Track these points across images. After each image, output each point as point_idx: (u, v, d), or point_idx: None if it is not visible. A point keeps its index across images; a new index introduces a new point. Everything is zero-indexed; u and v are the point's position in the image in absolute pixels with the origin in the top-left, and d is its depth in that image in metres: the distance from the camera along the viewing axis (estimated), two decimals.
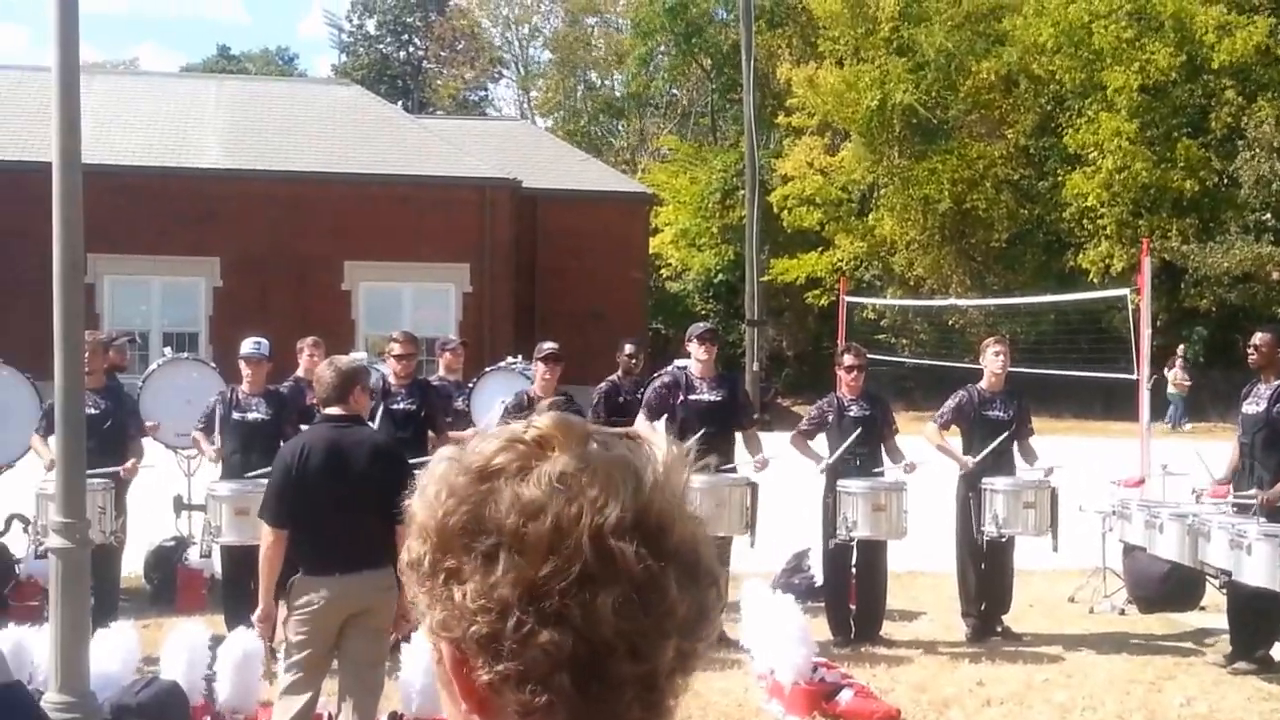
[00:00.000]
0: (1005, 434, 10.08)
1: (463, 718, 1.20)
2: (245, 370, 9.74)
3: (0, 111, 29.19)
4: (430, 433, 10.02)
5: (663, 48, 48.01)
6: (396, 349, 10.12)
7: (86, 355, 7.29)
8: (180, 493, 11.34)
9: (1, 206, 26.38)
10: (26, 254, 25.38)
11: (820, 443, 10.23)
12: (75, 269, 5.86)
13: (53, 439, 10.09)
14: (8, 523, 10.95)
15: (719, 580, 1.23)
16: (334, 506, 6.14)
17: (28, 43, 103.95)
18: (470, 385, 12.06)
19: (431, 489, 1.22)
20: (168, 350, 14.28)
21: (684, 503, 1.22)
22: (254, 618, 6.67)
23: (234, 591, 9.27)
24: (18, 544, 10.80)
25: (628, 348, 11.65)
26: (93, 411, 8.68)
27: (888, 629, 10.15)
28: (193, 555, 10.85)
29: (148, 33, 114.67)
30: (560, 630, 1.13)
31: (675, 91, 51.53)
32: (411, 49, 65.15)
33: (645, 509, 1.17)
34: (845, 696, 8.07)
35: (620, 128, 57.56)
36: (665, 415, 10.19)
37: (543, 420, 1.23)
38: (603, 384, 11.44)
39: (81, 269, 5.91)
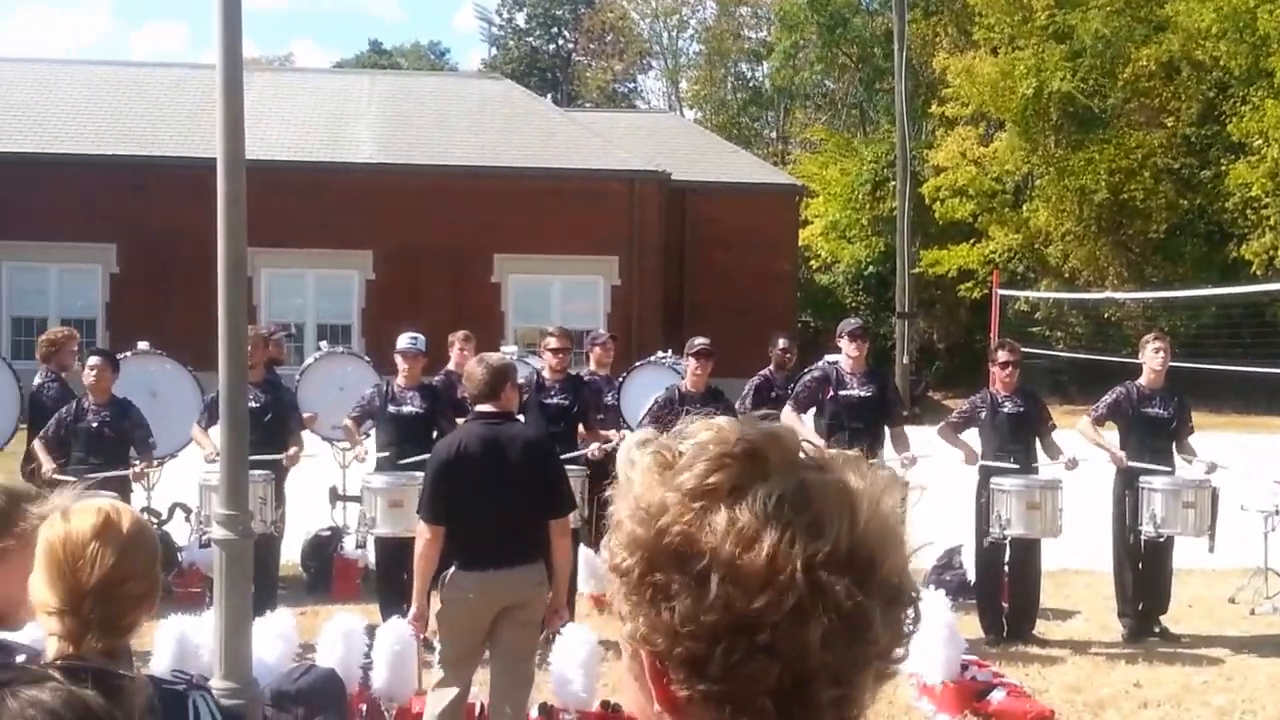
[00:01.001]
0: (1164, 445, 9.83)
1: (652, 715, 1.21)
2: (401, 364, 9.90)
3: (161, 109, 30.10)
4: (581, 427, 10.10)
5: (807, 40, 47.68)
6: (552, 343, 10.20)
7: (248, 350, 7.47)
8: (335, 484, 11.59)
9: (162, 202, 27.24)
10: (186, 248, 26.26)
11: (970, 437, 10.08)
12: (238, 268, 6.00)
13: (214, 431, 10.44)
14: (171, 511, 11.31)
15: (917, 601, 1.22)
16: (488, 502, 6.21)
17: (188, 41, 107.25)
18: (620, 380, 12.11)
19: (641, 501, 1.20)
20: (323, 344, 14.62)
21: (894, 530, 1.20)
22: (409, 617, 6.79)
23: (388, 582, 9.45)
24: (180, 532, 11.16)
25: (781, 342, 11.60)
26: (253, 405, 8.88)
27: (1041, 628, 9.96)
28: (348, 545, 11.09)
29: (302, 29, 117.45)
30: (768, 660, 1.13)
31: (827, 83, 51.13)
32: (560, 42, 65.68)
33: (858, 543, 1.16)
34: (997, 696, 7.94)
35: (769, 118, 57.34)
36: (813, 409, 10.15)
37: (753, 433, 1.21)
38: (755, 378, 11.42)
39: (244, 268, 6.05)
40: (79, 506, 2.54)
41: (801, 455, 1.21)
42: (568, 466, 7.50)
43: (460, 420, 9.41)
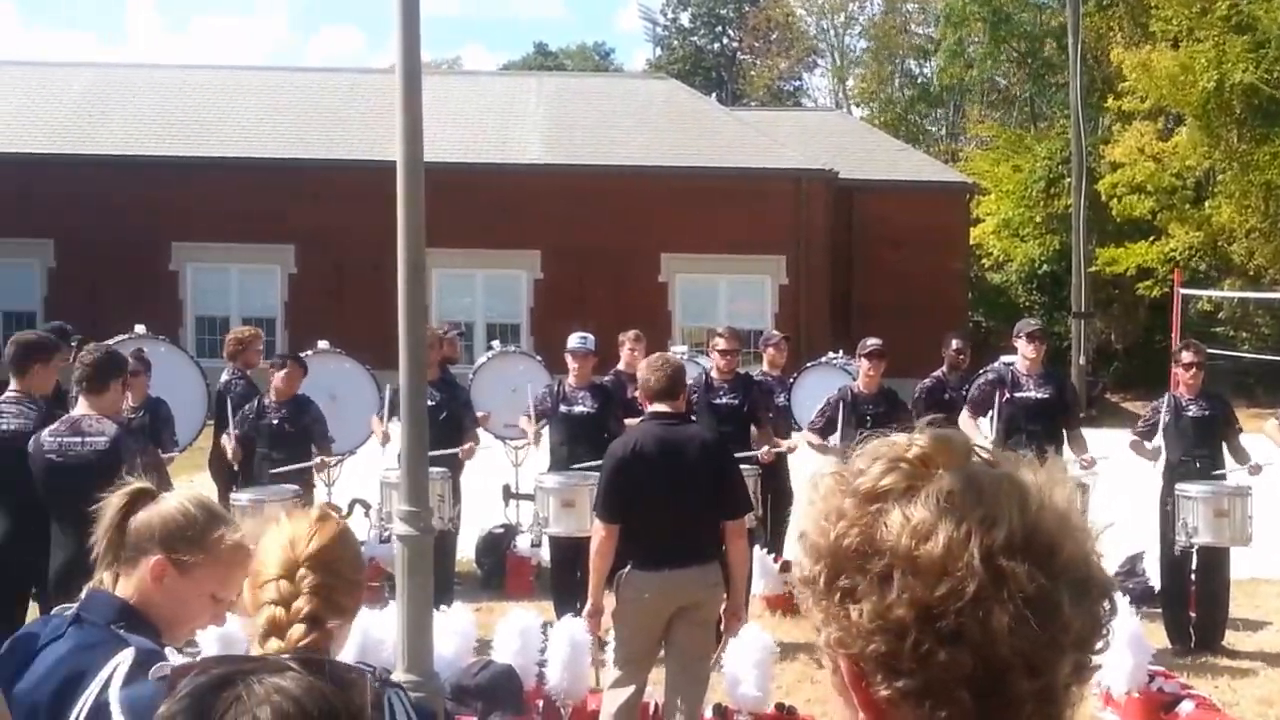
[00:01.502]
0: None
1: None
2: (572, 364, 9.97)
3: (336, 114, 30.86)
4: (753, 428, 10.05)
5: (973, 36, 46.85)
6: (721, 344, 10.17)
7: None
8: (509, 482, 11.72)
9: (337, 204, 27.92)
10: (360, 249, 26.94)
11: (1159, 441, 9.78)
12: (417, 269, 6.09)
13: (393, 428, 10.65)
14: (350, 507, 11.54)
15: (1111, 592, 1.24)
16: (663, 502, 6.22)
17: (363, 46, 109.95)
18: (791, 380, 12.03)
19: (820, 509, 1.25)
20: (495, 343, 14.81)
21: (1071, 519, 1.22)
22: (584, 614, 6.83)
23: (562, 580, 9.52)
24: (359, 527, 11.40)
25: (954, 343, 11.41)
26: (429, 403, 9.03)
27: (1230, 639, 9.61)
28: (521, 542, 11.21)
29: (471, 33, 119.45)
30: (958, 649, 1.16)
31: (997, 78, 50.19)
32: (725, 40, 65.63)
33: (1034, 528, 1.19)
34: (1185, 708, 7.67)
35: (938, 115, 56.51)
36: (989, 412, 9.97)
37: (924, 438, 1.25)
38: (927, 379, 11.25)
39: (423, 269, 6.13)
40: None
41: (973, 456, 1.25)
42: (741, 466, 7.47)
43: (630, 421, 9.47)
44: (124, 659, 2.56)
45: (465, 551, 11.26)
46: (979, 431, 9.79)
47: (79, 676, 2.58)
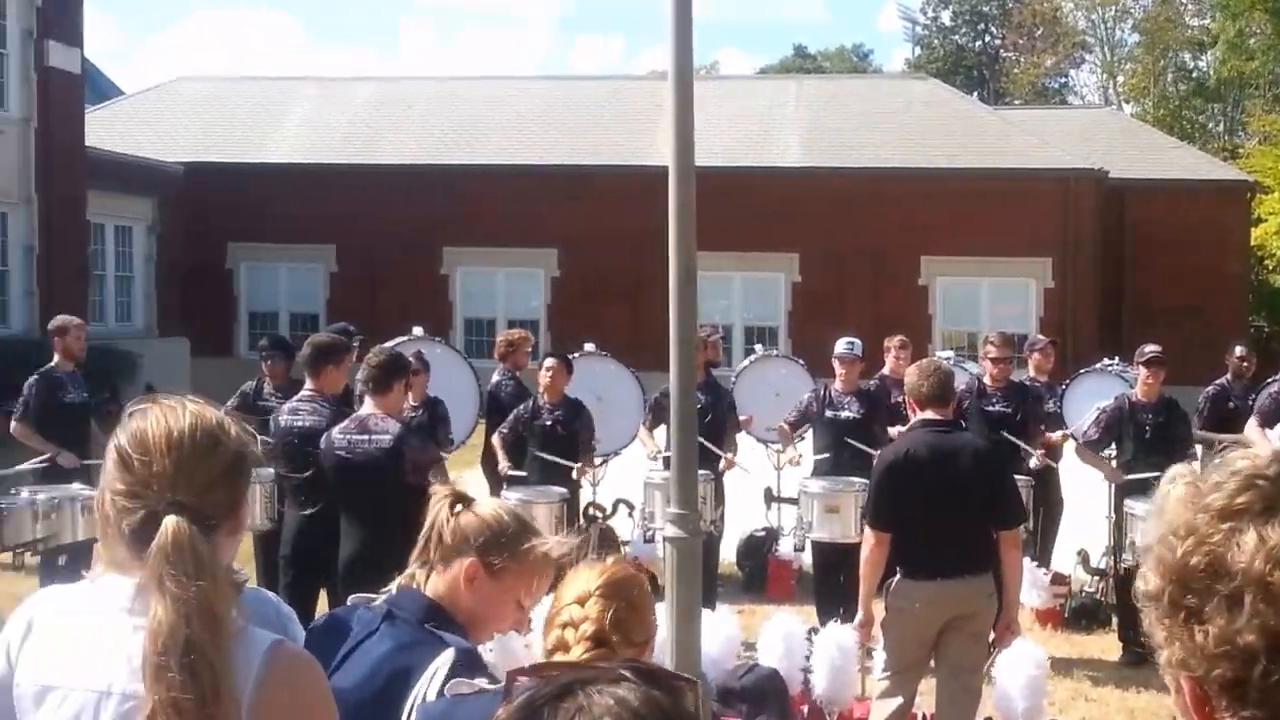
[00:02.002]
0: None
1: None
2: (839, 369, 9.91)
3: (600, 120, 31.39)
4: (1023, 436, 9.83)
5: (1254, 28, 44.56)
6: (993, 351, 9.98)
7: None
8: (770, 485, 11.75)
9: (600, 208, 28.43)
10: (621, 252, 27.38)
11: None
12: (688, 276, 6.19)
13: (658, 431, 10.79)
14: (614, 507, 11.76)
15: None
16: (936, 511, 6.14)
17: (621, 53, 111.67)
18: (1063, 387, 11.69)
19: (1168, 522, 1.20)
20: (759, 347, 14.85)
21: None
22: (854, 624, 6.80)
23: (825, 586, 9.48)
24: (623, 527, 11.58)
25: (1239, 349, 10.92)
26: None
27: None
28: (783, 546, 11.21)
29: (728, 37, 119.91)
30: None
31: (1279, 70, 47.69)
32: (988, 38, 64.18)
33: None
34: None
35: (1215, 111, 54.02)
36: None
37: None
38: (1210, 387, 10.81)
39: (694, 276, 6.23)
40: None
41: None
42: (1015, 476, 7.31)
43: (894, 427, 9.38)
44: (445, 660, 2.65)
45: (727, 554, 11.32)
46: (1269, 443, 9.33)
47: (403, 675, 2.67)
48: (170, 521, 2.09)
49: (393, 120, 32.16)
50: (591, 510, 11.31)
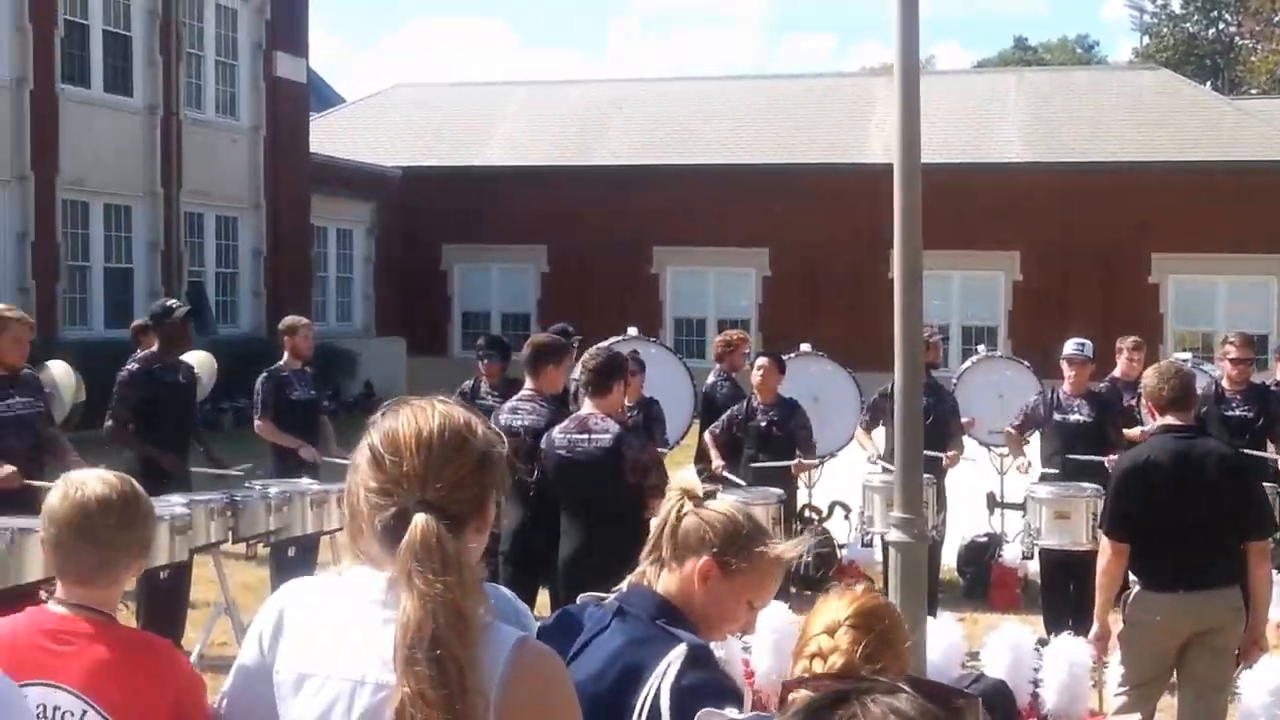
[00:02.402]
0: None
1: None
2: (1068, 371, 9.54)
3: (809, 119, 31.16)
4: (1270, 441, 9.31)
5: None
6: (1232, 352, 9.51)
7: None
8: (993, 490, 11.40)
9: (810, 208, 28.22)
10: (833, 250, 27.24)
11: None
12: (914, 275, 6.00)
13: (878, 433, 10.58)
14: (830, 509, 11.57)
15: None
16: (1179, 520, 5.82)
17: (832, 50, 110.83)
18: None
19: None
20: (981, 348, 14.50)
21: None
22: (1089, 637, 6.50)
23: (1054, 596, 9.12)
24: (839, 530, 11.39)
25: None
26: None
27: None
28: (1008, 553, 10.85)
29: (944, 32, 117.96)
30: None
31: None
32: (1221, 26, 61.63)
33: None
34: None
35: None
36: None
37: None
38: None
39: (920, 275, 6.03)
40: None
41: None
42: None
43: (1128, 430, 8.99)
44: (677, 655, 2.64)
45: (947, 560, 11.02)
46: None
47: (636, 670, 2.67)
48: (419, 520, 2.15)
49: (603, 122, 32.49)
50: (807, 513, 11.15)
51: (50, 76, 21.00)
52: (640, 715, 2.59)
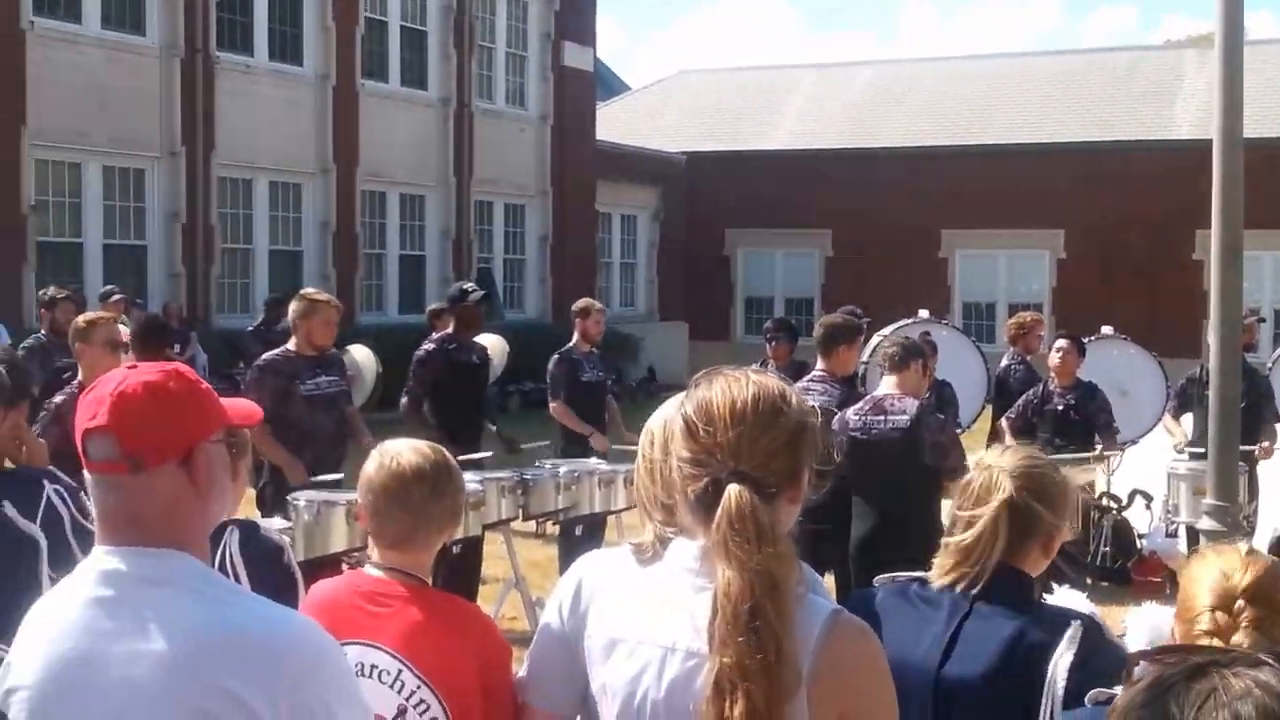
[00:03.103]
0: None
1: None
2: None
3: (1109, 94, 29.96)
4: None
5: None
6: None
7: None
8: None
9: (1109, 186, 27.17)
10: (1132, 231, 26.31)
11: None
12: (1233, 251, 5.68)
13: (1185, 419, 10.08)
14: (1130, 498, 11.09)
15: None
16: None
17: (1136, 23, 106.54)
18: None
19: None
20: None
21: None
22: None
23: None
24: (1139, 519, 10.91)
25: None
26: None
27: None
28: None
29: (1257, 2, 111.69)
30: None
31: None
32: None
33: None
34: None
35: None
36: None
37: None
38: None
39: (1239, 251, 5.70)
40: None
41: None
42: None
43: None
44: (1074, 631, 2.66)
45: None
46: None
47: (1038, 651, 2.66)
48: (733, 490, 2.14)
49: (891, 104, 32.07)
50: (1106, 501, 10.71)
51: (351, 72, 22.00)
52: (1048, 697, 2.58)
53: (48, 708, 1.98)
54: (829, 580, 7.48)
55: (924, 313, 11.78)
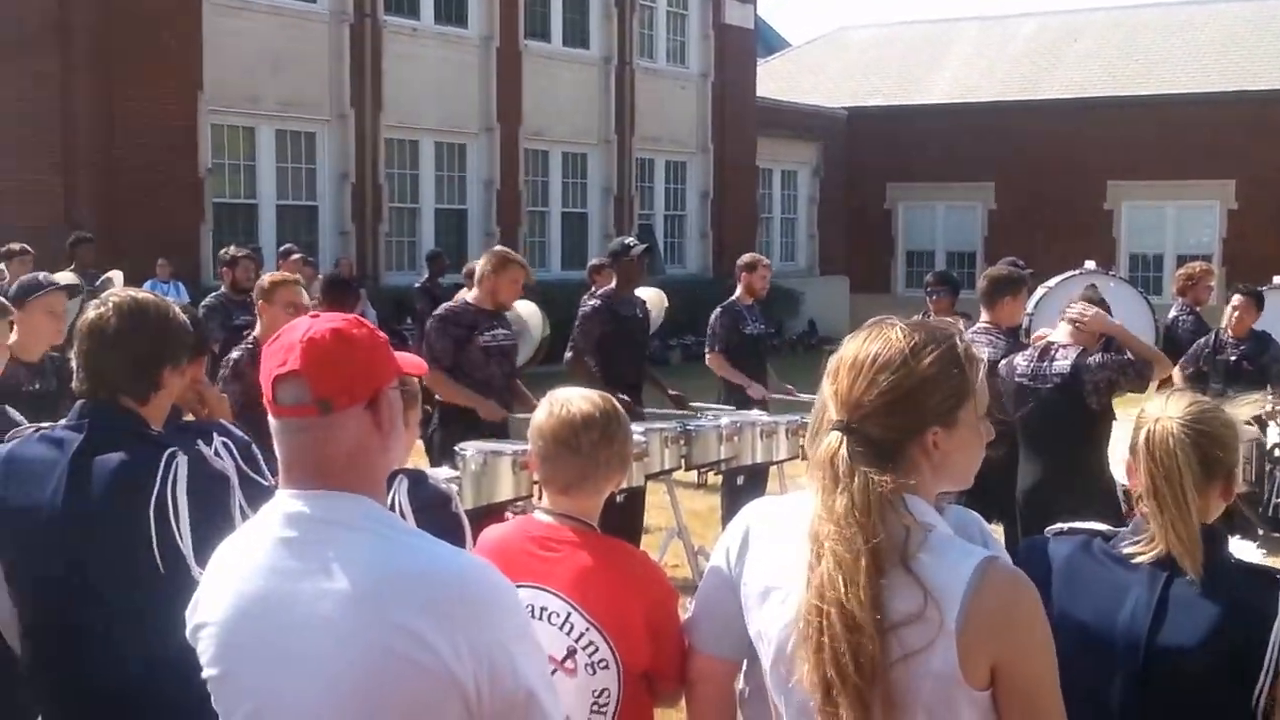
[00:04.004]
0: None
1: None
2: None
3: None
4: None
5: None
6: None
7: None
8: None
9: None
10: None
11: None
12: None
13: None
14: None
15: None
16: None
17: None
18: None
19: None
20: None
21: None
22: None
23: None
24: None
25: None
26: None
27: None
28: None
29: None
30: None
31: None
32: None
33: None
34: None
35: None
36: None
37: None
38: None
39: None
40: None
41: None
42: None
43: None
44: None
45: None
46: None
47: (1259, 618, 2.55)
48: (831, 438, 2.18)
49: (1057, 54, 31.34)
50: (1278, 452, 10.40)
51: (514, 33, 22.22)
52: (1270, 662, 2.48)
53: (237, 642, 2.05)
54: (998, 531, 7.44)
55: (1090, 264, 11.44)
